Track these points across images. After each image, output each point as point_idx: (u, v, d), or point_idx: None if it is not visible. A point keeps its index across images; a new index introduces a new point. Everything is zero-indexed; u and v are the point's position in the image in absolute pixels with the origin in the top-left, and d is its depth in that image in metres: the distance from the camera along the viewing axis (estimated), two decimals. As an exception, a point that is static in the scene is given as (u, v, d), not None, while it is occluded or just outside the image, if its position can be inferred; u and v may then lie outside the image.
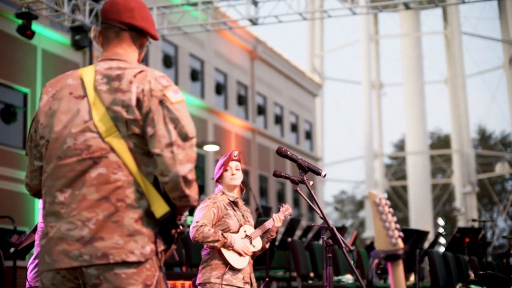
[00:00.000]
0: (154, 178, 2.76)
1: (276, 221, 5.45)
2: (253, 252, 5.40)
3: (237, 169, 5.38)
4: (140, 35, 2.97)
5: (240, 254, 5.23)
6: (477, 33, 39.80)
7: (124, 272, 2.67)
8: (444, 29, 39.12)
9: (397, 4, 15.28)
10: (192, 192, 2.73)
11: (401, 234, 2.50)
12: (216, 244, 5.10)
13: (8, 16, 16.23)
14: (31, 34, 13.44)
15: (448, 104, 38.38)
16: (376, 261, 2.47)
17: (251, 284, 5.32)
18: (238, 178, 5.37)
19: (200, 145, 19.99)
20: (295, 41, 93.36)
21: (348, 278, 9.16)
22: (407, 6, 15.03)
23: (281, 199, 30.12)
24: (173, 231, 2.77)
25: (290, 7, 15.14)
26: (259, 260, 9.33)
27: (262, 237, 5.48)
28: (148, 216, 2.74)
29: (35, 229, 8.43)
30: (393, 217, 2.50)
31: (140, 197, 2.74)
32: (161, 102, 2.73)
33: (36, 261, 5.14)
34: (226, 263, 5.17)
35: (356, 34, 41.20)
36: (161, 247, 2.77)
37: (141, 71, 2.80)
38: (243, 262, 5.25)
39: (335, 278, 9.08)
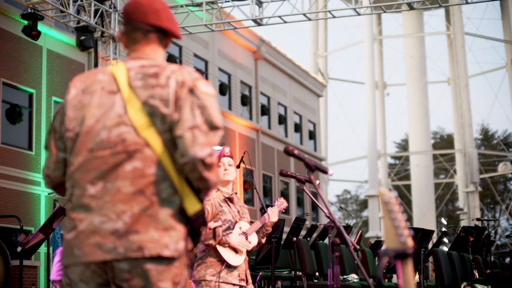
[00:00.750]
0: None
1: (271, 215, 5.44)
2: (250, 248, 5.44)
3: (229, 165, 5.36)
4: (165, 35, 3.00)
5: (236, 251, 5.22)
6: (479, 34, 39.73)
7: (155, 268, 2.66)
8: (447, 30, 39.12)
9: (401, 4, 15.32)
10: (212, 175, 2.71)
11: (411, 232, 2.53)
12: (211, 241, 5.10)
13: (14, 17, 16.30)
14: (36, 35, 13.52)
15: (451, 104, 38.39)
16: (385, 259, 2.52)
17: (247, 281, 5.31)
18: (231, 173, 5.37)
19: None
20: (299, 41, 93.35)
21: (353, 277, 9.20)
22: (410, 7, 15.07)
23: (285, 198, 29.95)
24: (203, 228, 2.78)
25: (294, 8, 15.19)
26: (265, 260, 9.38)
27: (258, 232, 5.49)
28: (180, 213, 2.75)
29: (42, 228, 8.49)
30: (403, 216, 2.53)
31: (173, 192, 2.74)
32: (191, 90, 2.77)
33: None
34: (222, 260, 5.15)
35: (359, 34, 41.33)
36: (190, 245, 2.78)
37: (178, 68, 2.85)
38: (239, 259, 5.23)
39: (340, 277, 9.11)
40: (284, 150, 5.04)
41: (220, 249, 5.15)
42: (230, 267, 5.19)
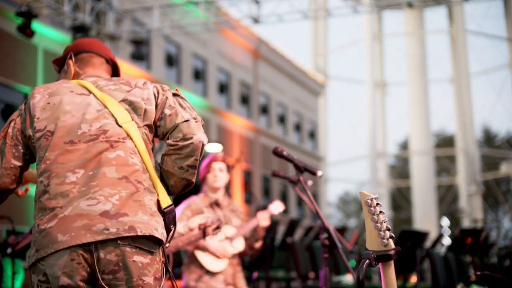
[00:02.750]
0: (160, 174, 2.90)
1: (261, 220, 5.31)
2: (241, 253, 5.33)
3: (220, 171, 5.31)
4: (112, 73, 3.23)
5: (218, 256, 5.16)
6: (482, 32, 39.66)
7: (141, 261, 2.66)
8: (449, 27, 38.98)
9: (401, 2, 15.20)
10: (196, 170, 2.87)
11: (392, 234, 2.47)
12: (187, 248, 5.06)
13: (8, 15, 16.18)
14: (31, 33, 13.37)
15: (453, 103, 38.27)
16: (367, 261, 2.43)
17: (235, 286, 5.23)
18: (221, 180, 5.31)
19: (202, 145, 19.93)
20: (298, 40, 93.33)
21: (348, 278, 9.09)
22: (410, 5, 14.95)
23: (284, 199, 30.06)
24: (172, 226, 2.83)
25: (292, 6, 15.07)
26: (260, 260, 9.29)
27: (252, 237, 5.37)
28: (158, 207, 2.82)
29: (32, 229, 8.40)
30: (384, 218, 2.47)
31: (152, 185, 2.83)
32: (175, 95, 2.94)
33: None
34: (201, 266, 5.12)
35: (359, 33, 41.11)
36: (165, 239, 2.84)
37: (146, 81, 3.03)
38: (220, 265, 5.17)
39: (336, 278, 9.03)
40: (272, 151, 4.95)
41: (199, 254, 5.11)
42: (211, 273, 5.12)
